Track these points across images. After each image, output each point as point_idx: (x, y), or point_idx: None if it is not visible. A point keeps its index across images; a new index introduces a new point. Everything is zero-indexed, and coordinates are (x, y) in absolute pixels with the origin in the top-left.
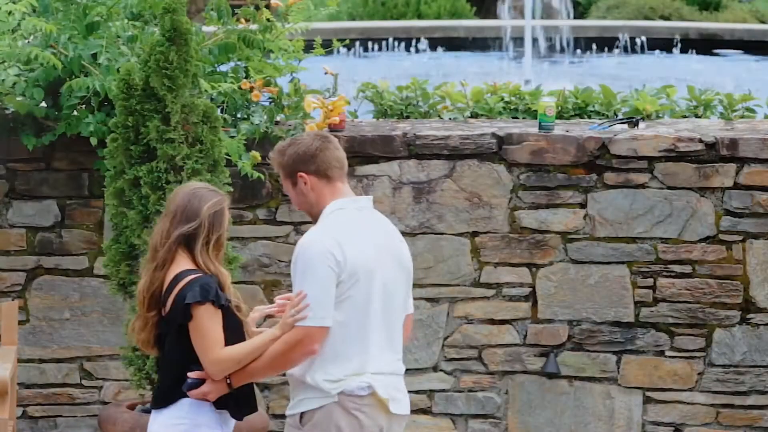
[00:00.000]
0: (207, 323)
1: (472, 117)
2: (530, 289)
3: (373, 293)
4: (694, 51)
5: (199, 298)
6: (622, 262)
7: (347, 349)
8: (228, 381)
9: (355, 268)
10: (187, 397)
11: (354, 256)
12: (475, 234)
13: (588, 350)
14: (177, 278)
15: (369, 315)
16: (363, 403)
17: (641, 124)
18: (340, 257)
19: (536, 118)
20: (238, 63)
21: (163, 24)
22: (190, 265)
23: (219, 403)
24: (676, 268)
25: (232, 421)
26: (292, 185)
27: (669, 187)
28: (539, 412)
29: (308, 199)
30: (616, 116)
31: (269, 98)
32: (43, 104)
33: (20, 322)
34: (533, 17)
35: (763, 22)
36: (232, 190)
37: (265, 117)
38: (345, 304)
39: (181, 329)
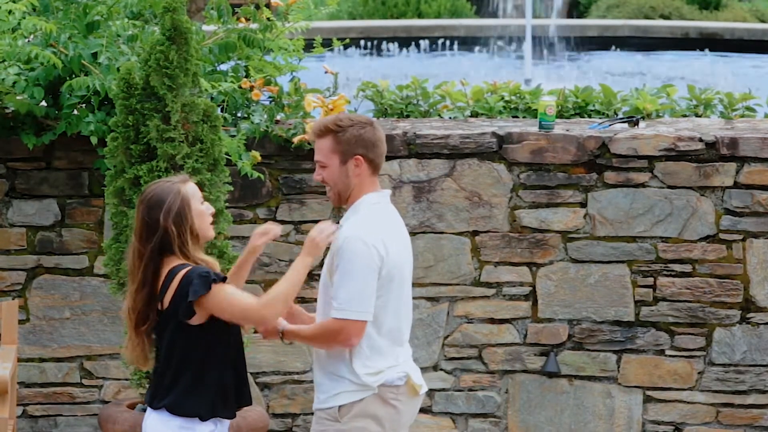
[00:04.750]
0: (227, 296)
1: (472, 116)
2: (530, 288)
3: (403, 288)
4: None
5: (203, 291)
6: (622, 261)
7: (384, 344)
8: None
9: (393, 265)
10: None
11: (394, 253)
12: (475, 233)
13: (588, 349)
14: (170, 274)
15: (400, 311)
16: (399, 392)
17: (641, 124)
18: (383, 252)
19: (536, 117)
20: (239, 62)
21: (163, 23)
22: (179, 261)
23: (209, 411)
24: (677, 267)
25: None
26: (341, 162)
27: (669, 187)
28: (539, 411)
29: (348, 182)
30: (617, 115)
31: (269, 97)
32: (44, 103)
33: (20, 322)
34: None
35: (763, 21)
36: (232, 189)
37: (266, 116)
38: (383, 302)
39: (179, 326)
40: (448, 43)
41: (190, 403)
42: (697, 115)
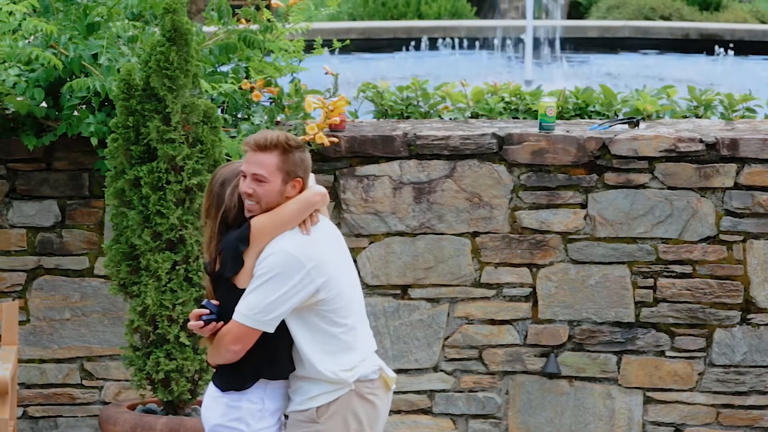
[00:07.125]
0: (268, 216)
1: (472, 117)
2: (531, 289)
3: (353, 285)
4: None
5: (246, 230)
6: (623, 263)
7: (353, 342)
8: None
9: (333, 270)
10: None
11: (328, 259)
12: (475, 234)
13: (588, 350)
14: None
15: (353, 308)
16: (374, 387)
17: (642, 125)
18: (315, 262)
19: (537, 119)
20: (239, 63)
21: (163, 24)
22: None
23: (246, 381)
24: (677, 268)
25: (278, 394)
26: (283, 182)
27: (669, 188)
28: (539, 413)
29: (280, 201)
30: (617, 116)
31: (270, 98)
32: (44, 104)
33: (21, 323)
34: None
35: (763, 22)
36: None
37: (266, 117)
38: (336, 304)
39: (226, 287)
40: (448, 43)
41: (229, 376)
42: (697, 116)
